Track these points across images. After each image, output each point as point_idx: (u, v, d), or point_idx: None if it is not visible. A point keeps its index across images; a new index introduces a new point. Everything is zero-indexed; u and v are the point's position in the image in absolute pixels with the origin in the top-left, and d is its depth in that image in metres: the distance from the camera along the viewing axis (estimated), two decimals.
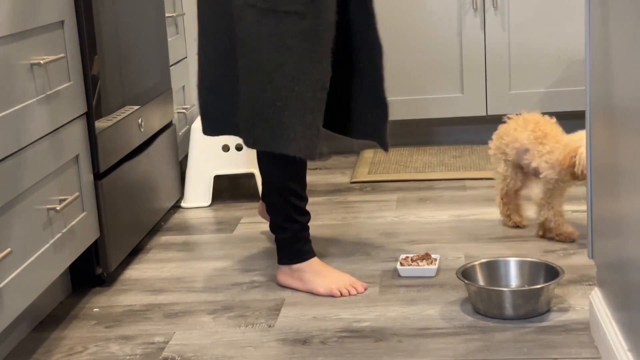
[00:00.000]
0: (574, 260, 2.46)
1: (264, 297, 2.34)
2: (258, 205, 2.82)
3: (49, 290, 2.31)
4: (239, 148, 3.20)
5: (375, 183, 3.35)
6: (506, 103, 3.69)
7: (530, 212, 2.74)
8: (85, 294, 2.43)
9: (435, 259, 2.45)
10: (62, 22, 2.23)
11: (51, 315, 2.31)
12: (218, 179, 3.25)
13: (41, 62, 2.05)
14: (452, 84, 3.72)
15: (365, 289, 2.34)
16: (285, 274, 2.37)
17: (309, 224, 2.40)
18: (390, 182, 3.35)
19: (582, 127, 2.08)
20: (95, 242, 2.41)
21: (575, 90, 3.61)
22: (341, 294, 2.31)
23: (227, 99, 2.32)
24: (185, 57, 3.47)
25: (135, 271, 2.59)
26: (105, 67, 2.46)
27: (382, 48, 2.40)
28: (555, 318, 2.11)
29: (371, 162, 3.61)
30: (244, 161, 3.17)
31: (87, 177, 2.34)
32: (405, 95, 3.73)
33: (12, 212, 1.92)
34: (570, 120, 3.75)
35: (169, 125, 3.06)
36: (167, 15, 3.14)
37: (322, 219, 2.96)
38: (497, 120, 3.76)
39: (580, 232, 2.63)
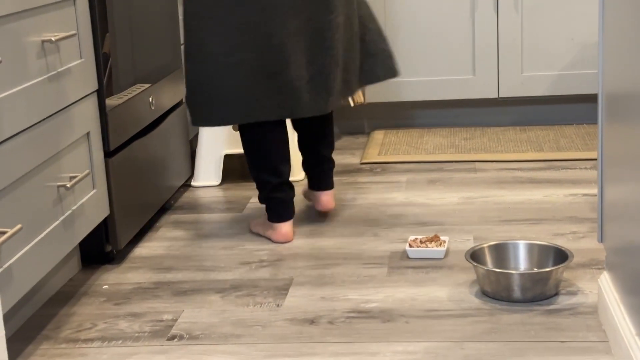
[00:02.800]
0: (584, 243, 2.46)
1: (273, 277, 2.35)
2: (304, 189, 2.81)
3: (59, 266, 2.32)
4: None
5: (385, 164, 3.34)
6: (518, 85, 3.68)
7: None
8: (94, 271, 2.44)
9: (444, 241, 2.45)
10: None
11: (61, 292, 2.32)
12: (228, 158, 3.26)
13: (52, 39, 2.05)
14: (463, 66, 3.70)
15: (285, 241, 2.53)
16: (259, 224, 2.62)
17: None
18: (400, 163, 3.34)
19: (594, 110, 2.07)
20: (105, 220, 2.41)
21: (588, 73, 3.59)
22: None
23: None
24: None
25: (145, 249, 2.60)
26: (117, 45, 2.46)
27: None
28: (563, 301, 2.11)
29: (381, 143, 3.61)
30: None
31: (98, 154, 2.34)
32: (416, 77, 3.72)
33: (22, 188, 1.93)
34: (582, 103, 3.74)
35: (179, 103, 3.06)
36: None
37: None
38: (508, 102, 3.76)
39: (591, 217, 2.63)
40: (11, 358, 1.94)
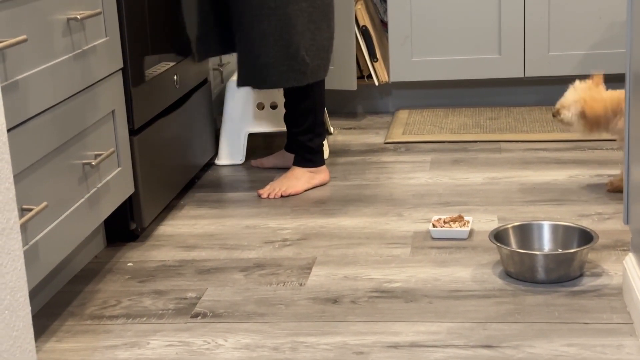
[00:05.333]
0: (609, 225, 2.44)
1: (296, 256, 2.35)
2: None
3: (84, 244, 2.34)
4: (273, 106, 3.20)
5: (410, 144, 3.33)
6: (544, 65, 3.64)
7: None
8: (119, 248, 2.46)
9: (468, 221, 2.44)
10: None
11: (86, 269, 2.34)
12: (252, 137, 3.26)
13: (78, 17, 2.05)
14: (489, 45, 3.67)
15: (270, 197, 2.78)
16: (302, 181, 2.86)
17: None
18: (424, 143, 3.33)
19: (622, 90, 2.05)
20: (130, 198, 2.43)
21: (616, 53, 3.55)
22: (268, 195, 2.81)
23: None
24: None
25: (169, 227, 2.62)
26: (142, 23, 2.46)
27: None
28: (587, 283, 2.10)
29: (406, 122, 3.59)
30: (278, 119, 3.17)
31: (123, 132, 2.35)
32: (441, 56, 3.70)
33: (48, 166, 1.94)
34: (610, 83, 3.69)
35: (204, 82, 3.06)
36: None
37: (355, 179, 2.96)
38: (534, 82, 3.73)
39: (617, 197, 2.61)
40: (37, 334, 1.96)
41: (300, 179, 2.86)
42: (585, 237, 2.17)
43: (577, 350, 1.81)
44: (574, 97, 2.62)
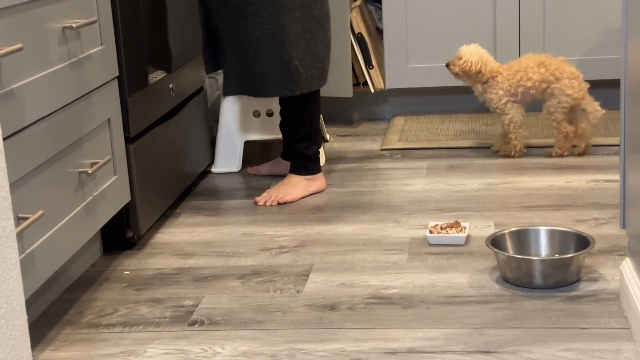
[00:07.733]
0: (605, 229, 2.44)
1: (293, 263, 2.35)
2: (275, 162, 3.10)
3: (81, 252, 2.34)
4: (269, 114, 3.20)
5: (406, 150, 3.33)
6: None
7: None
8: (116, 257, 2.46)
9: (465, 227, 2.44)
10: None
11: (83, 278, 2.34)
12: (248, 144, 3.26)
13: (73, 25, 2.05)
14: None
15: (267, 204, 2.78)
16: (299, 188, 2.86)
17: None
18: (420, 149, 3.33)
19: (617, 96, 2.05)
20: (126, 206, 2.42)
21: (611, 59, 3.55)
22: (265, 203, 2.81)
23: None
24: None
25: (166, 235, 2.61)
26: (137, 32, 2.46)
27: None
28: (585, 288, 2.10)
29: (402, 129, 3.59)
30: (274, 127, 3.17)
31: (119, 140, 2.35)
32: (437, 62, 3.70)
33: (44, 174, 1.94)
34: (605, 88, 3.71)
35: (200, 90, 3.06)
36: None
37: (351, 186, 2.96)
38: None
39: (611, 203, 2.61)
40: (34, 343, 1.96)
41: (296, 186, 2.86)
42: (582, 242, 2.17)
43: (575, 355, 1.81)
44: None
